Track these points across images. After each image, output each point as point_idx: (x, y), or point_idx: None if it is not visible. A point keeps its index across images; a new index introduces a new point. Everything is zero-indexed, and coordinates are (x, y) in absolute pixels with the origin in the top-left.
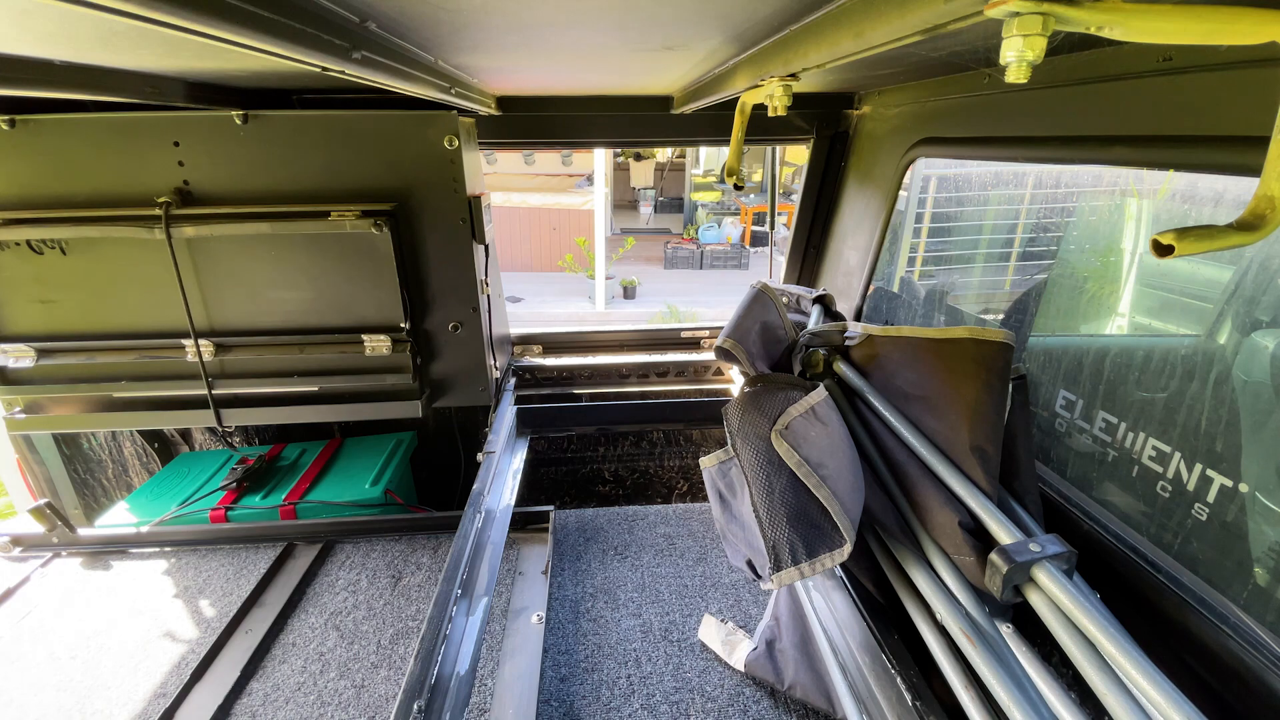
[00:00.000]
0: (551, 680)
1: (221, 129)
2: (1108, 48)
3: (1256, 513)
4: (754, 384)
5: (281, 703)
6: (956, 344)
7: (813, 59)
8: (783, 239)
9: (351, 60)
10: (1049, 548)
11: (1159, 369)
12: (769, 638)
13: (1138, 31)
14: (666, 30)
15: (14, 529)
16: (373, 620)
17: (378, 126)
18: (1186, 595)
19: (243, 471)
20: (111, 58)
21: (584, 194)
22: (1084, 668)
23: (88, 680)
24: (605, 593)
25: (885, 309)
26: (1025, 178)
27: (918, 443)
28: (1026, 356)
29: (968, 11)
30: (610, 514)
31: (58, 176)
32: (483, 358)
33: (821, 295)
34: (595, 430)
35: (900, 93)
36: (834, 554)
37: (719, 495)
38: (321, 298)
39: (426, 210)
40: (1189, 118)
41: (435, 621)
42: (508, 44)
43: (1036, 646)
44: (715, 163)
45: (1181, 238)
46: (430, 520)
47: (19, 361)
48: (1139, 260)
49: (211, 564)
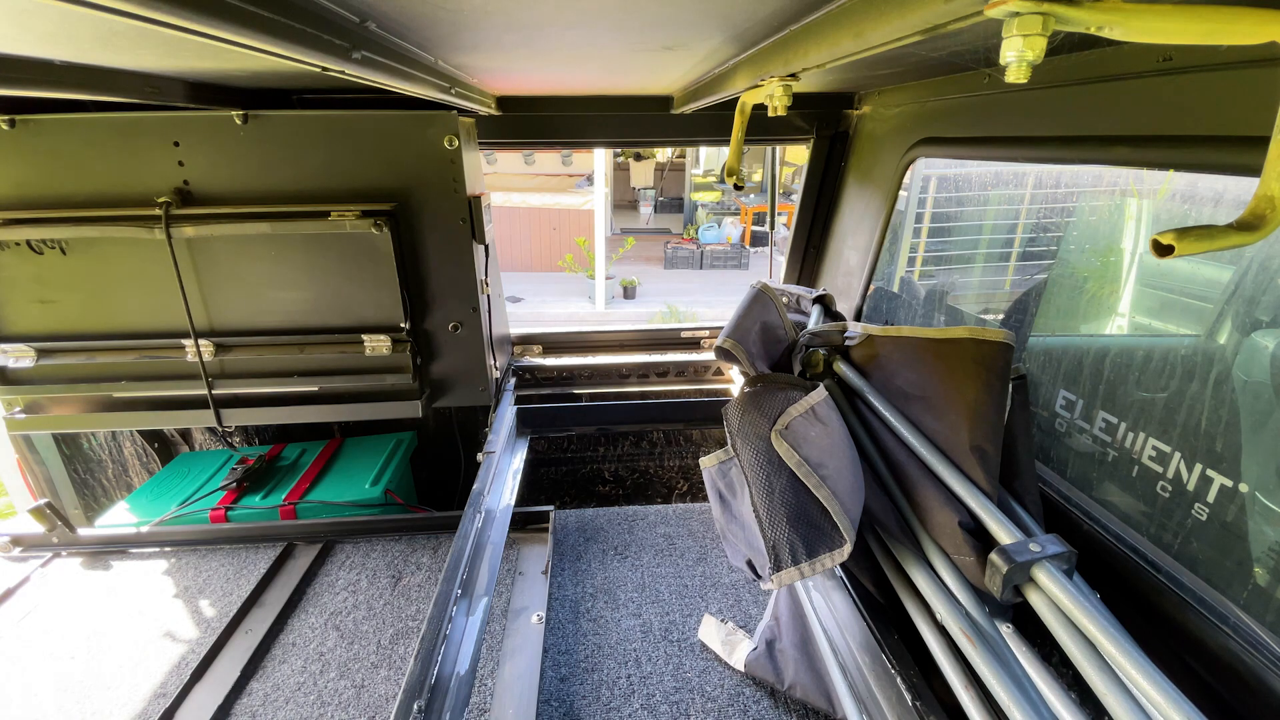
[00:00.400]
0: (551, 680)
1: (221, 129)
2: (1108, 48)
3: (1256, 513)
4: (754, 384)
5: (281, 703)
6: (956, 344)
7: (813, 59)
8: (783, 239)
9: (351, 60)
10: (1049, 548)
11: (1159, 369)
12: (769, 638)
13: (1138, 31)
14: (666, 30)
15: (14, 529)
16: (373, 620)
17: (378, 126)
18: (1186, 595)
19: (243, 471)
20: (111, 58)
21: (584, 194)
22: (1084, 668)
23: (88, 680)
24: (605, 593)
25: (885, 309)
26: (1025, 178)
27: (918, 443)
28: (1026, 356)
29: (968, 11)
30: (610, 514)
31: (58, 176)
32: (483, 358)
33: (821, 295)
34: (595, 430)
35: (900, 93)
36: (834, 554)
37: (719, 495)
38: (321, 298)
39: (426, 210)
40: (1189, 118)
41: (435, 621)
42: (508, 44)
43: (1036, 646)
44: (715, 163)
45: (1181, 238)
46: (430, 520)
47: (19, 361)
48: (1139, 260)
49: (211, 564)
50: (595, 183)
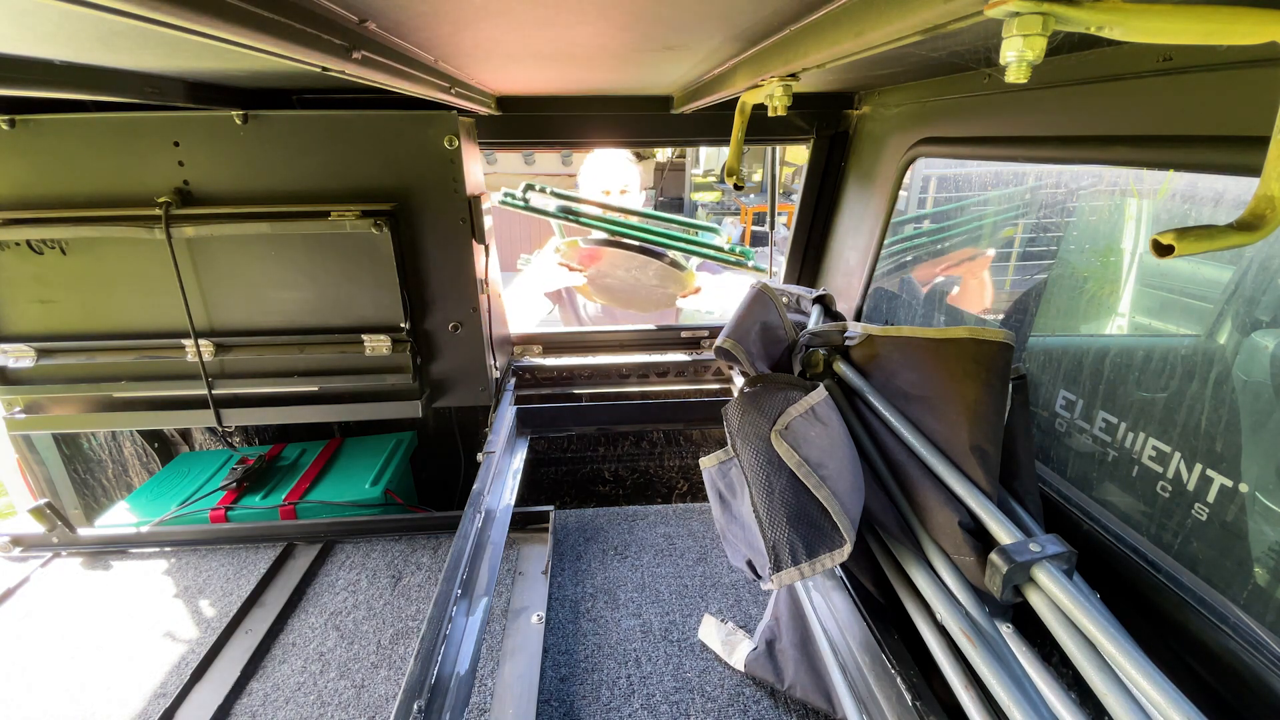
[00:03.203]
0: (551, 680)
1: (221, 129)
2: (1108, 48)
3: (1256, 513)
4: (754, 384)
5: (281, 703)
6: (956, 344)
7: (813, 59)
8: (783, 239)
9: (351, 60)
10: (1049, 548)
11: (1159, 369)
12: (769, 638)
13: (1138, 31)
14: (666, 30)
15: (14, 529)
16: (373, 620)
17: (378, 126)
18: (1186, 595)
19: (243, 471)
20: (111, 58)
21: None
22: (1084, 668)
23: (88, 680)
24: (605, 593)
25: (885, 309)
26: (1025, 177)
27: (918, 443)
28: (1026, 356)
29: (968, 11)
30: (610, 514)
31: (58, 176)
32: (483, 358)
33: (821, 295)
34: (595, 430)
35: (900, 93)
36: (834, 554)
37: (719, 495)
38: (321, 298)
39: (426, 210)
40: (1189, 118)
41: (435, 621)
42: (508, 44)
43: (1036, 646)
44: (715, 163)
45: (1181, 238)
46: (430, 520)
47: (19, 361)
48: (1139, 260)
49: (211, 564)
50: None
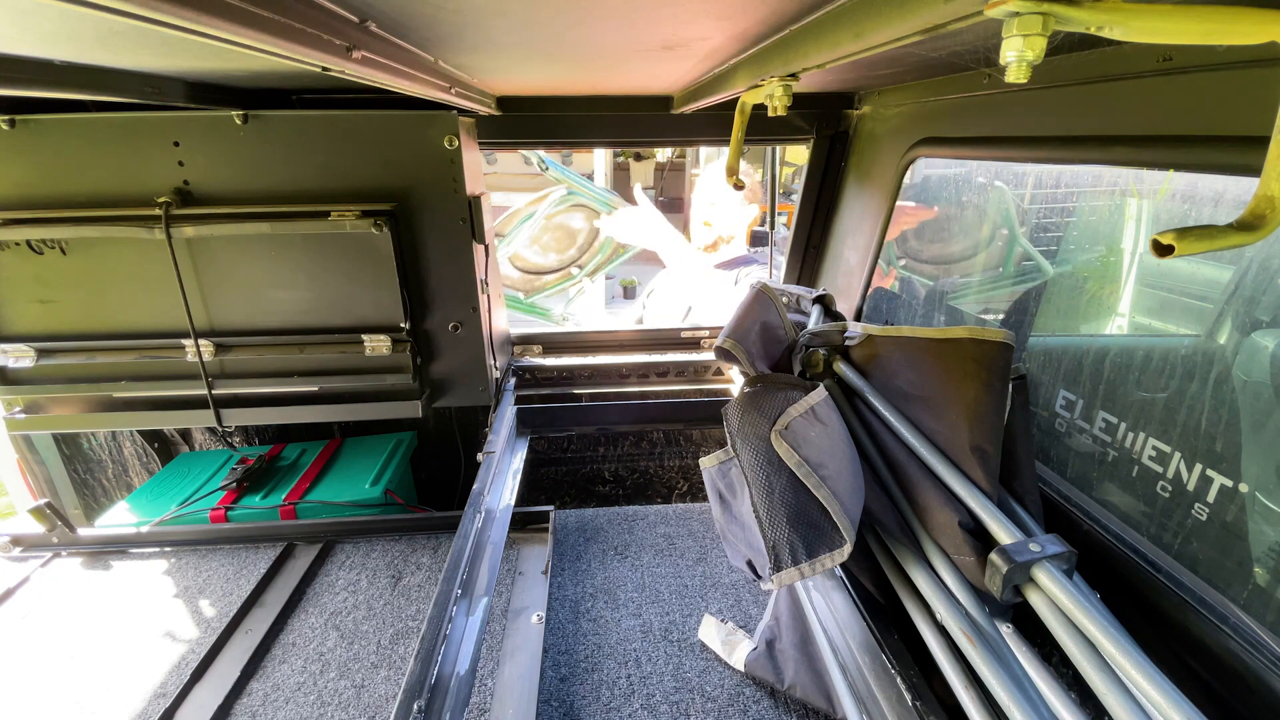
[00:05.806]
0: (551, 680)
1: (221, 129)
2: (1108, 48)
3: (1256, 513)
4: (754, 384)
5: (281, 703)
6: (956, 344)
7: (813, 59)
8: (782, 239)
9: (352, 60)
10: (1049, 548)
11: (1159, 369)
12: (769, 638)
13: (1138, 31)
14: (666, 30)
15: (14, 529)
16: (373, 620)
17: (378, 126)
18: (1186, 595)
19: (243, 471)
20: (111, 58)
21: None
22: (1084, 668)
23: (88, 680)
24: (605, 593)
25: (885, 309)
26: (1025, 178)
27: (918, 443)
28: (1026, 356)
29: (968, 11)
30: (610, 514)
31: (58, 176)
32: (483, 358)
33: (821, 295)
34: (595, 430)
35: (900, 93)
36: (834, 554)
37: (719, 496)
38: (321, 298)
39: (426, 210)
40: (1189, 118)
41: (435, 621)
42: (508, 44)
43: (1036, 646)
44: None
45: (1181, 238)
46: (430, 520)
47: (19, 361)
48: (1139, 260)
49: (211, 564)
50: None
